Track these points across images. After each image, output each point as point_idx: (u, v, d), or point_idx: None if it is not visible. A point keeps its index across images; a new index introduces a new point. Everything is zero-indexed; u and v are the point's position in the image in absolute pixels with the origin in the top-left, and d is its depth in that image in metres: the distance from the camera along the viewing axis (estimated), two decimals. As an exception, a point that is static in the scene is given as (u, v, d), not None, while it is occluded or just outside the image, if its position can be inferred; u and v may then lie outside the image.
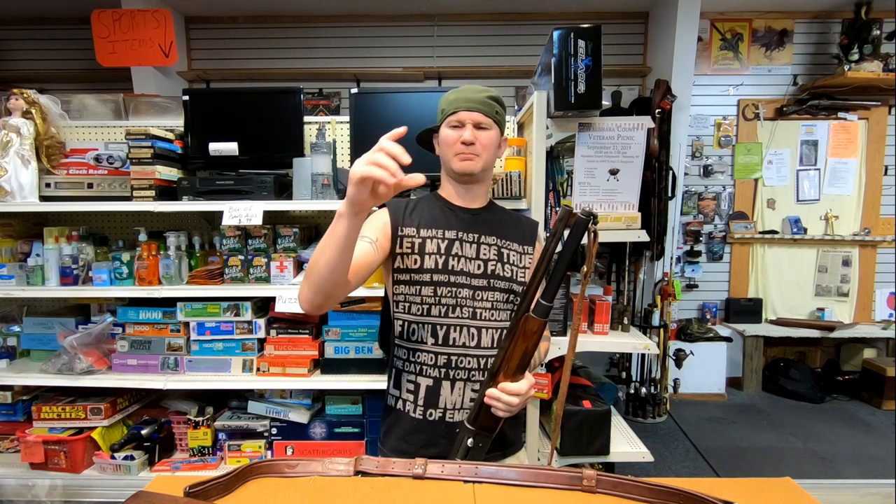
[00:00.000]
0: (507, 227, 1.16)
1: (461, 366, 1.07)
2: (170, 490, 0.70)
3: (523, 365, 0.92)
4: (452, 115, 1.08)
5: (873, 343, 3.80)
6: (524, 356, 0.91)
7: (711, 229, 4.03)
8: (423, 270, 1.07)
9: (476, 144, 1.07)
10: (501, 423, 0.98)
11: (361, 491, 0.74)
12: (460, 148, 1.07)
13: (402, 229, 1.09)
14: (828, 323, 3.78)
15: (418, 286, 1.07)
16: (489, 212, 1.16)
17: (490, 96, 1.09)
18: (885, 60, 3.57)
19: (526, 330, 0.89)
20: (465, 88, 1.10)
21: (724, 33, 3.90)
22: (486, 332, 1.08)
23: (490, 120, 1.08)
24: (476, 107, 1.06)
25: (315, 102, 3.96)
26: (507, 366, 0.92)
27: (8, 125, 1.83)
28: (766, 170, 3.96)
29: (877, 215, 3.94)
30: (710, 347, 3.69)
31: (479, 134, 1.07)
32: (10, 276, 1.87)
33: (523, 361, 0.92)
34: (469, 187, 1.14)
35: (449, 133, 1.08)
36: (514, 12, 3.89)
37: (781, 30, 3.88)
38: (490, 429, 0.96)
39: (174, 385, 1.83)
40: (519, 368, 0.92)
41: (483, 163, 1.09)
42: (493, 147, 1.10)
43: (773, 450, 2.92)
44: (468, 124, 1.06)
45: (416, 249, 1.08)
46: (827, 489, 1.35)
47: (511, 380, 0.93)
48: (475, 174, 1.10)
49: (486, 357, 1.08)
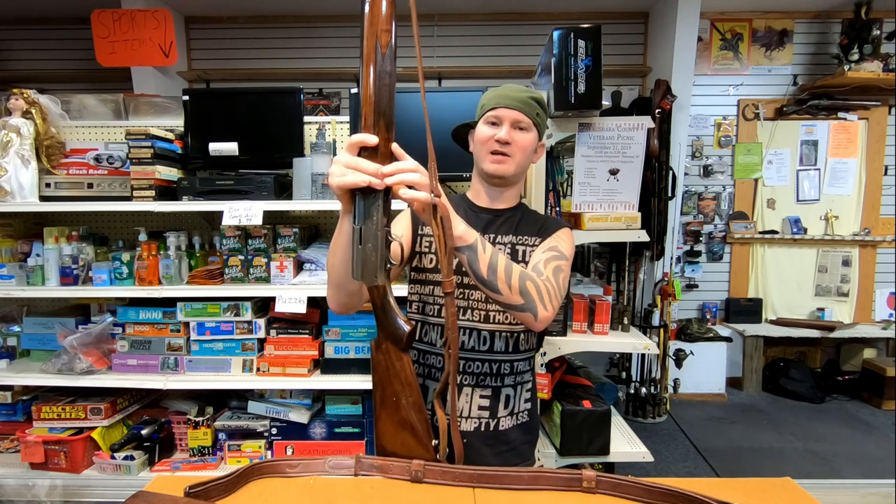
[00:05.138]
0: (528, 224, 1.09)
1: (470, 370, 1.03)
2: (170, 490, 0.70)
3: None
4: (491, 112, 1.03)
5: (873, 343, 3.80)
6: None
7: (711, 229, 4.03)
8: (437, 270, 1.03)
9: (512, 145, 1.01)
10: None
11: (362, 491, 0.74)
12: (494, 146, 1.02)
13: (422, 228, 1.07)
14: (828, 323, 3.78)
15: (432, 286, 1.04)
16: (514, 211, 1.11)
17: (533, 97, 1.03)
18: (885, 60, 3.57)
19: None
20: (507, 86, 1.05)
21: (724, 33, 3.90)
22: (498, 336, 1.04)
23: (529, 121, 1.02)
24: (516, 105, 1.01)
25: (315, 102, 3.96)
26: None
27: (8, 125, 1.82)
28: (766, 170, 3.96)
29: (877, 215, 3.94)
30: (710, 347, 3.69)
31: (516, 134, 1.02)
32: (10, 276, 1.87)
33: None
34: (499, 190, 1.09)
35: (484, 130, 1.04)
36: (515, 12, 3.89)
37: (781, 30, 3.88)
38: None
39: (174, 385, 1.83)
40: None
41: (516, 166, 1.03)
42: (529, 150, 1.04)
43: (773, 450, 2.92)
44: (506, 122, 1.01)
45: (433, 249, 1.06)
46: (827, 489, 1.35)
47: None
48: (506, 177, 1.04)
49: (498, 362, 1.04)
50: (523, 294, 0.86)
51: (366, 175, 0.72)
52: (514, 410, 1.07)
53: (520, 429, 1.08)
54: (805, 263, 3.99)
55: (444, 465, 0.80)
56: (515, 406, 1.07)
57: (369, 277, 0.76)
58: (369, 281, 0.76)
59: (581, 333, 1.88)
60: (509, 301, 0.86)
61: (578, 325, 1.88)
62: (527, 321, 0.89)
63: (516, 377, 1.07)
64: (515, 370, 1.07)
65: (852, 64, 3.56)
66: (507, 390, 1.06)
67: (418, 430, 0.85)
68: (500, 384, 1.05)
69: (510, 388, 1.06)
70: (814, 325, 3.75)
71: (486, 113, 1.04)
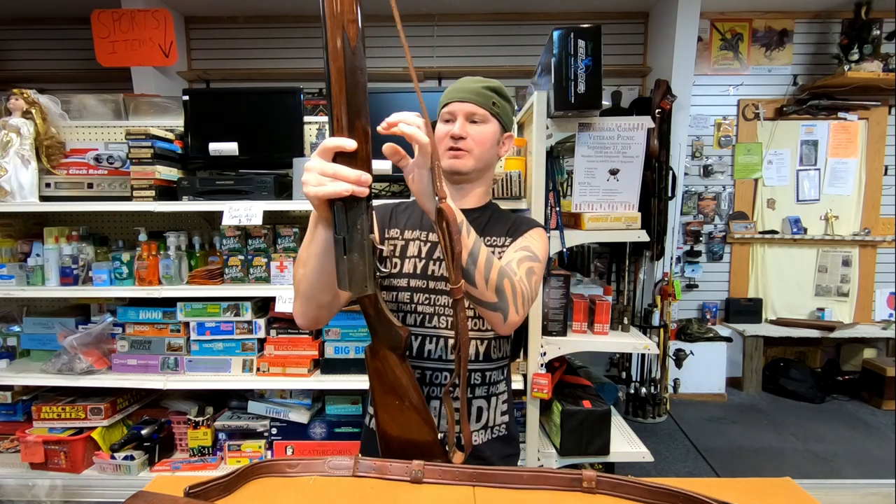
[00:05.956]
0: (498, 223, 1.03)
1: (436, 381, 0.95)
2: (170, 490, 0.70)
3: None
4: (445, 108, 0.98)
5: (873, 343, 3.80)
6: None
7: (711, 229, 4.03)
8: (402, 275, 0.97)
9: (467, 139, 0.95)
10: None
11: (362, 491, 0.74)
12: (449, 143, 0.96)
13: (387, 231, 1.02)
14: (828, 323, 3.77)
15: (395, 291, 0.97)
16: (482, 212, 1.04)
17: (487, 86, 0.97)
18: (885, 60, 3.57)
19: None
20: (462, 79, 1.00)
21: (724, 33, 3.90)
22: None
23: (484, 112, 0.96)
24: (468, 97, 0.96)
25: (315, 102, 3.96)
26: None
27: (8, 125, 1.83)
28: (766, 170, 3.96)
29: (877, 215, 3.94)
30: (710, 347, 3.69)
31: (471, 128, 0.96)
32: (10, 276, 1.87)
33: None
34: (461, 187, 1.02)
35: (439, 127, 0.99)
36: (514, 12, 3.89)
37: (781, 30, 3.88)
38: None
39: (174, 385, 1.83)
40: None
41: (475, 160, 0.97)
42: (489, 143, 0.98)
43: (773, 450, 2.92)
44: (459, 116, 0.96)
45: (397, 252, 1.00)
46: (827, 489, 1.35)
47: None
48: (464, 173, 0.98)
49: (467, 372, 0.95)
50: (498, 292, 0.80)
51: (347, 184, 0.65)
52: (488, 424, 0.99)
53: (497, 442, 1.00)
54: (805, 263, 3.99)
55: (444, 464, 0.80)
56: (490, 419, 1.00)
57: (358, 287, 0.72)
58: (359, 291, 0.72)
59: (581, 333, 1.88)
60: (482, 297, 0.80)
61: (578, 325, 1.88)
62: (495, 322, 0.83)
63: (489, 388, 1.00)
64: (487, 380, 0.99)
65: (852, 64, 3.56)
66: (478, 402, 0.98)
67: (424, 428, 0.84)
68: (471, 395, 0.98)
69: (482, 400, 0.99)
70: (814, 325, 3.75)
71: (441, 110, 1.00)
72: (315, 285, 0.81)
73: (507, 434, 1.03)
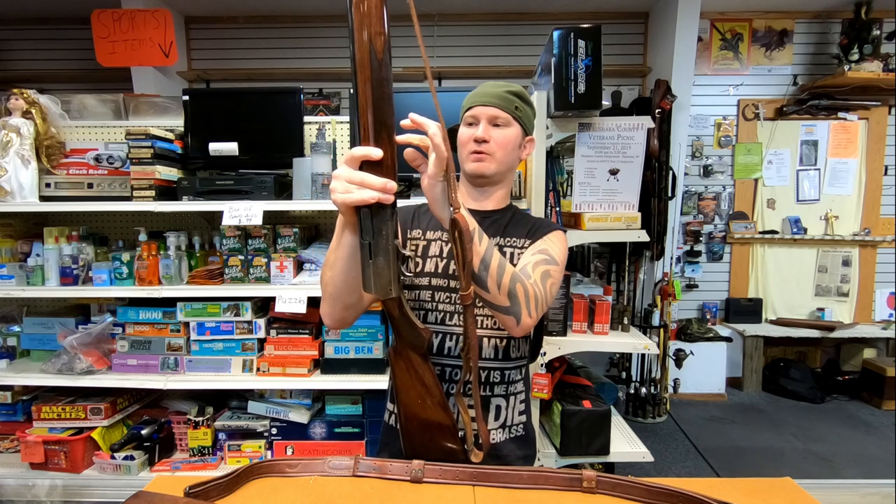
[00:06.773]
0: (518, 225, 1.05)
1: (456, 378, 0.96)
2: (170, 490, 0.70)
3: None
4: (468, 112, 1.00)
5: (873, 343, 3.80)
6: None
7: (711, 229, 4.03)
8: (423, 274, 0.99)
9: (490, 143, 0.97)
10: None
11: (362, 491, 0.74)
12: (473, 146, 0.98)
13: (409, 231, 1.04)
14: (828, 323, 3.77)
15: (417, 290, 0.99)
16: (502, 213, 1.06)
17: (510, 91, 1.00)
18: (885, 60, 3.57)
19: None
20: (484, 84, 1.02)
21: (724, 33, 3.90)
22: (487, 341, 0.98)
23: (507, 115, 0.98)
24: (491, 101, 0.98)
25: (315, 102, 3.96)
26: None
27: (8, 125, 1.83)
28: (766, 170, 3.96)
29: (877, 215, 3.94)
30: (710, 347, 3.69)
31: (494, 131, 0.98)
32: (10, 276, 1.87)
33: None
34: (485, 191, 1.04)
35: (463, 131, 1.01)
36: (515, 12, 3.88)
37: (781, 30, 3.88)
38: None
39: (174, 385, 1.83)
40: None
41: (497, 164, 0.99)
42: (511, 146, 1.00)
43: (773, 450, 2.92)
44: (483, 120, 0.98)
45: (419, 252, 1.02)
46: (827, 489, 1.35)
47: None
48: (487, 176, 1.00)
49: (486, 369, 0.98)
50: (511, 296, 0.82)
51: (374, 191, 0.68)
52: (506, 423, 1.01)
53: (514, 443, 1.01)
54: (805, 263, 3.99)
55: (444, 464, 0.80)
56: (508, 419, 1.01)
57: (383, 290, 0.74)
58: (384, 294, 0.74)
59: (581, 333, 1.88)
60: (494, 301, 0.82)
61: (578, 325, 1.88)
62: (508, 325, 0.85)
63: (507, 387, 1.01)
64: (506, 379, 1.00)
65: (852, 64, 3.56)
66: (497, 400, 0.99)
67: (445, 426, 0.87)
68: (490, 393, 0.99)
69: (500, 399, 1.00)
70: (814, 325, 3.75)
71: (464, 114, 1.02)
72: (342, 287, 0.84)
73: (525, 434, 1.04)
